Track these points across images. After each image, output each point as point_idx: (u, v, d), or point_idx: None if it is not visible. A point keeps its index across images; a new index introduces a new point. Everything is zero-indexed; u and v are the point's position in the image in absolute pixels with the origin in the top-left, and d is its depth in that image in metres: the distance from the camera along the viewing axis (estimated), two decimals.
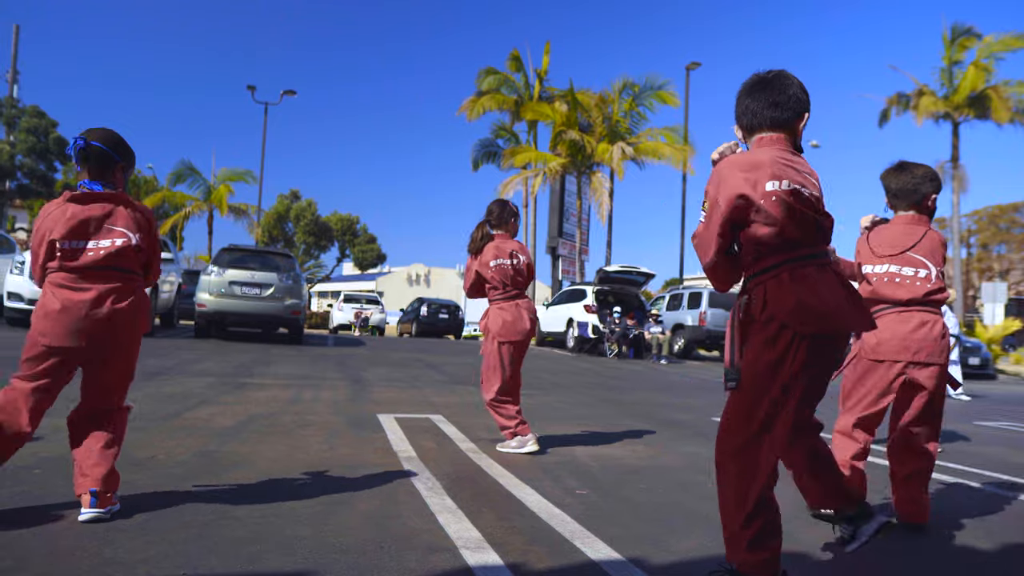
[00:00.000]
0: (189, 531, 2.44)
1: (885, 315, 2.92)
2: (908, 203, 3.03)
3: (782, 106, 2.12)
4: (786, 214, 1.98)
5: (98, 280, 2.48)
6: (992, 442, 5.83)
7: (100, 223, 2.49)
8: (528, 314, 4.37)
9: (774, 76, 2.17)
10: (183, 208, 31.80)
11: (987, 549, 2.83)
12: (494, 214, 4.51)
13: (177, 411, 4.81)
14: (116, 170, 2.58)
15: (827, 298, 1.98)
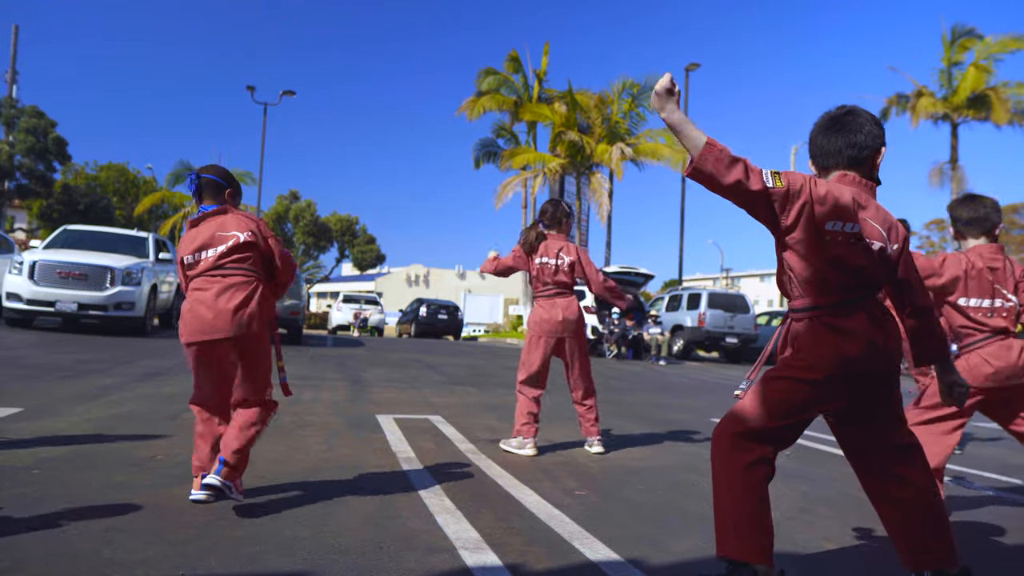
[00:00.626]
0: (188, 532, 2.44)
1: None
2: (979, 232, 3.14)
3: (859, 146, 2.12)
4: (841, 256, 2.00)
5: (216, 279, 2.78)
6: (991, 443, 5.84)
7: (213, 234, 2.83)
8: (563, 312, 4.38)
9: (847, 115, 2.16)
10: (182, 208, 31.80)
11: (984, 551, 2.84)
12: (547, 214, 4.57)
13: (176, 411, 4.81)
14: (226, 195, 2.95)
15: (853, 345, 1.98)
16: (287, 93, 29.89)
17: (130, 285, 10.64)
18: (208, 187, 2.94)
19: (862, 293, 2.01)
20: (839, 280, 1.99)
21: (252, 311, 2.75)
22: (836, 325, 1.99)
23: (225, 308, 2.71)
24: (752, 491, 2.02)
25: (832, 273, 1.99)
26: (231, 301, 2.72)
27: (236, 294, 2.75)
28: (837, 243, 1.98)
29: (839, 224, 1.98)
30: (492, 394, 7.21)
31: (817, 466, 4.33)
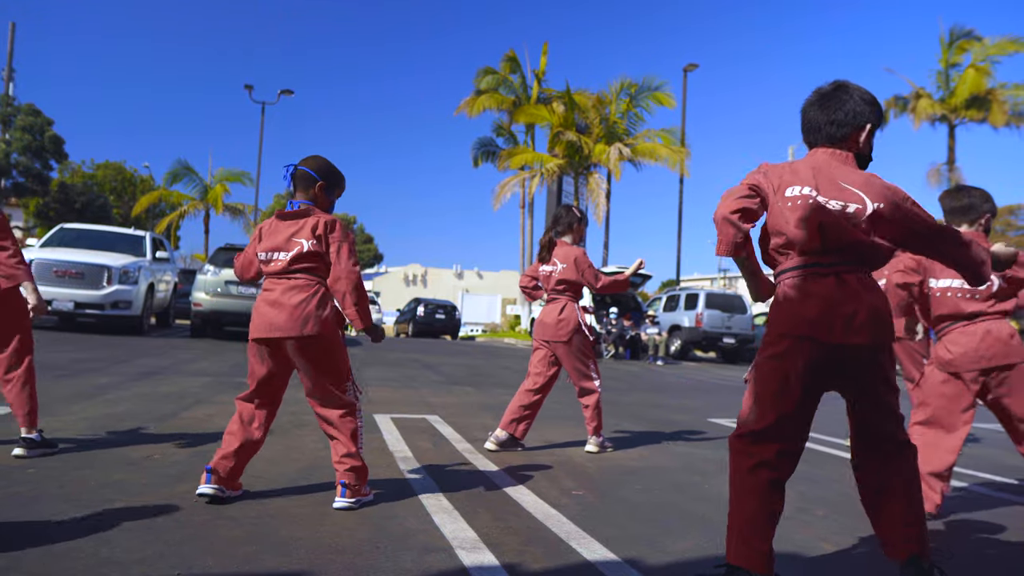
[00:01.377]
0: (185, 531, 2.43)
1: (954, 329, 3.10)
2: (964, 221, 3.19)
3: (839, 123, 2.12)
4: (799, 221, 2.02)
5: (280, 282, 2.81)
6: (987, 443, 5.85)
7: (288, 237, 2.81)
8: (544, 316, 4.43)
9: (832, 91, 2.16)
10: (179, 207, 31.73)
11: (978, 548, 2.84)
12: (560, 221, 4.61)
13: (173, 411, 4.80)
14: (316, 188, 2.89)
15: (813, 306, 2.00)
16: (285, 92, 29.89)
17: (127, 284, 10.62)
18: (300, 180, 2.89)
19: (833, 259, 2.01)
20: (807, 244, 2.02)
21: (309, 312, 2.75)
22: (799, 287, 2.03)
23: (287, 307, 2.75)
24: (753, 496, 2.02)
25: (798, 236, 2.02)
26: (292, 301, 2.76)
27: (297, 295, 2.77)
28: (798, 206, 2.01)
29: (797, 188, 2.03)
30: (490, 394, 7.20)
31: (816, 467, 4.34)
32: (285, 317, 2.73)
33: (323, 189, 2.90)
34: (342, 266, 2.80)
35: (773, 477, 2.04)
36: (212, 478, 2.74)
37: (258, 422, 2.86)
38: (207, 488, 2.73)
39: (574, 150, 24.27)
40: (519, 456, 4.13)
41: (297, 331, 2.72)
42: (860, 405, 2.09)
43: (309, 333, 2.73)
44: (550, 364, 4.43)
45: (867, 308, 1.98)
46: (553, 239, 4.54)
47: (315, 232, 2.80)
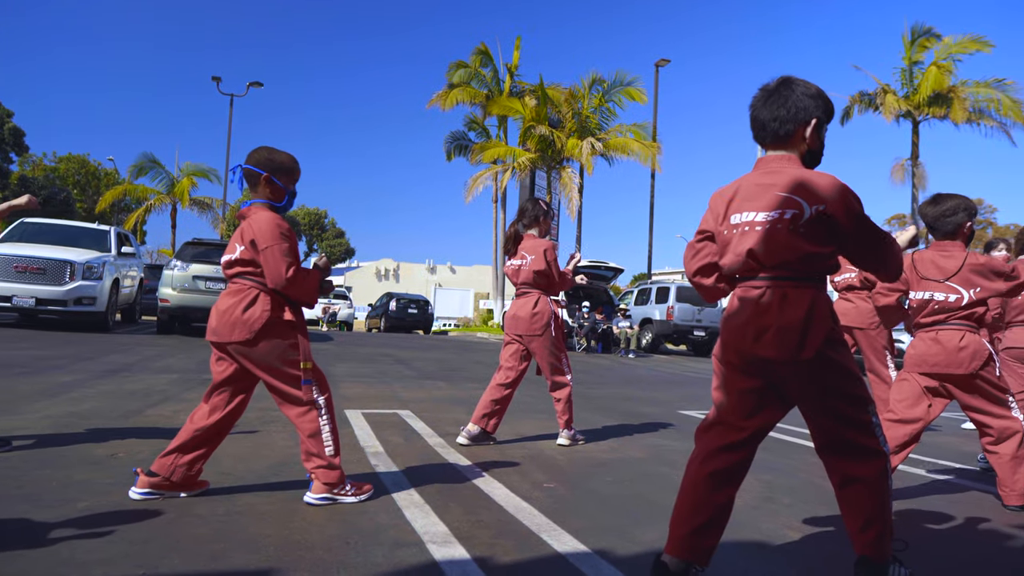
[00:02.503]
0: (150, 530, 2.40)
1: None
2: (946, 228, 3.32)
3: (782, 120, 2.11)
4: (739, 246, 2.09)
5: (229, 286, 2.82)
6: (946, 432, 6.01)
7: (235, 240, 2.79)
8: (515, 310, 4.43)
9: (776, 87, 2.15)
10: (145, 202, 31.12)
11: (936, 535, 2.92)
12: (525, 213, 4.57)
13: (139, 408, 4.72)
14: (261, 183, 2.80)
15: (736, 317, 2.09)
16: (254, 84, 29.46)
17: (91, 279, 10.40)
18: (248, 178, 2.82)
19: (770, 274, 2.04)
20: (748, 266, 2.08)
21: (236, 318, 2.68)
22: (736, 297, 2.12)
23: (219, 313, 2.73)
24: (689, 484, 2.14)
25: (738, 261, 2.09)
26: (222, 306, 2.73)
27: (227, 301, 2.74)
28: (745, 233, 2.07)
29: (739, 216, 2.09)
30: (462, 388, 7.20)
31: (782, 457, 4.41)
32: (218, 322, 2.73)
33: (269, 181, 2.81)
34: (268, 275, 2.69)
35: (713, 469, 2.10)
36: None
37: (217, 418, 2.79)
38: (136, 494, 2.72)
39: (546, 144, 24.30)
40: (491, 450, 4.14)
41: (227, 337, 2.70)
42: (803, 411, 2.13)
43: (237, 339, 2.69)
44: (521, 358, 4.44)
45: (778, 325, 1.99)
46: (519, 232, 4.54)
47: (244, 238, 2.74)
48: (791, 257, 2.01)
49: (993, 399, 3.26)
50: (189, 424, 2.78)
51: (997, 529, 3.03)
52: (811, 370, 2.01)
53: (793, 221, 2.00)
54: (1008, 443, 3.28)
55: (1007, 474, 3.30)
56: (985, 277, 3.20)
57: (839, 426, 2.07)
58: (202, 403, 2.83)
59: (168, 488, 2.75)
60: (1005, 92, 24.68)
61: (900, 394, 3.39)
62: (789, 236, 2.00)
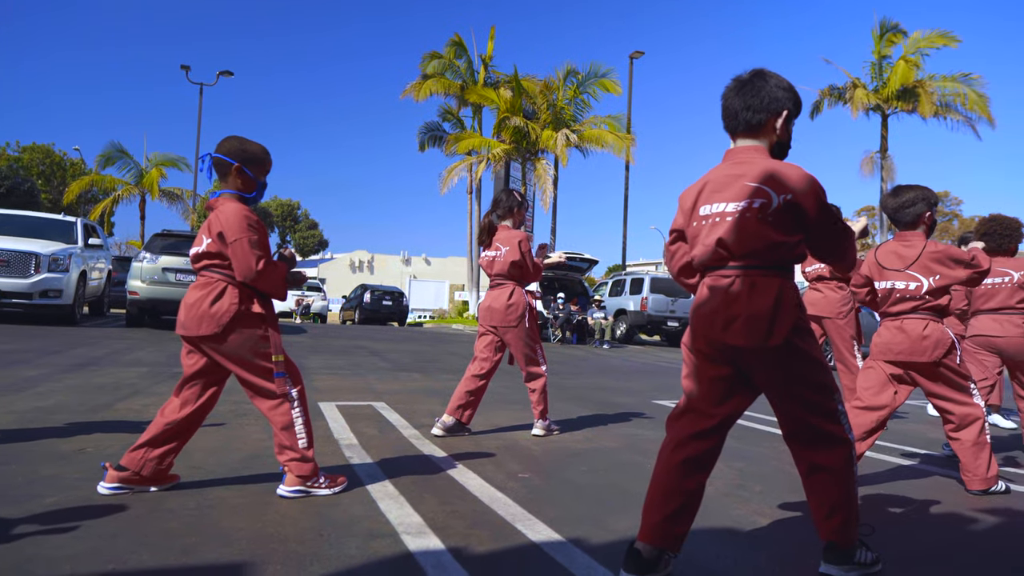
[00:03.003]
0: (119, 525, 2.36)
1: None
2: (908, 219, 3.40)
3: (755, 109, 2.14)
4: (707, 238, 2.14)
5: (197, 279, 2.77)
6: (912, 419, 6.14)
7: (202, 232, 2.74)
8: (489, 301, 4.42)
9: (750, 78, 2.18)
10: (113, 192, 30.49)
11: (901, 520, 2.99)
12: (500, 204, 4.55)
13: (108, 402, 4.64)
14: (232, 173, 2.75)
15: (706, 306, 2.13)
16: (224, 73, 29.00)
17: (57, 272, 10.19)
18: (218, 168, 2.76)
19: (739, 263, 2.08)
20: (716, 256, 2.11)
21: (203, 312, 2.64)
22: (705, 286, 2.15)
23: (187, 306, 2.70)
24: (664, 472, 2.16)
25: (707, 252, 2.13)
26: (190, 300, 2.70)
27: (195, 294, 2.70)
28: (714, 224, 2.11)
29: (708, 207, 2.13)
30: (437, 380, 7.19)
31: (754, 445, 4.48)
32: (186, 316, 2.69)
33: (240, 172, 2.75)
34: (237, 268, 2.65)
35: (685, 457, 2.14)
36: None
37: (189, 412, 2.75)
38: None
39: (521, 135, 24.27)
40: (465, 441, 4.15)
41: (196, 331, 2.66)
42: (770, 398, 2.17)
43: (205, 333, 2.65)
44: (496, 349, 4.44)
45: (747, 313, 2.03)
46: (494, 223, 4.53)
47: (212, 230, 2.68)
48: (759, 246, 2.04)
49: (955, 386, 3.34)
50: (160, 418, 2.74)
51: (960, 513, 3.11)
52: (778, 358, 2.05)
53: (762, 210, 2.03)
54: (969, 429, 3.36)
55: (969, 460, 3.39)
56: (945, 265, 3.28)
57: (805, 413, 2.11)
58: (173, 396, 2.78)
59: (138, 483, 2.71)
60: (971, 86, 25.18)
61: (866, 382, 3.45)
62: (758, 225, 2.03)
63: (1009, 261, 4.42)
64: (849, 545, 2.16)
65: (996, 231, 4.44)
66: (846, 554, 2.16)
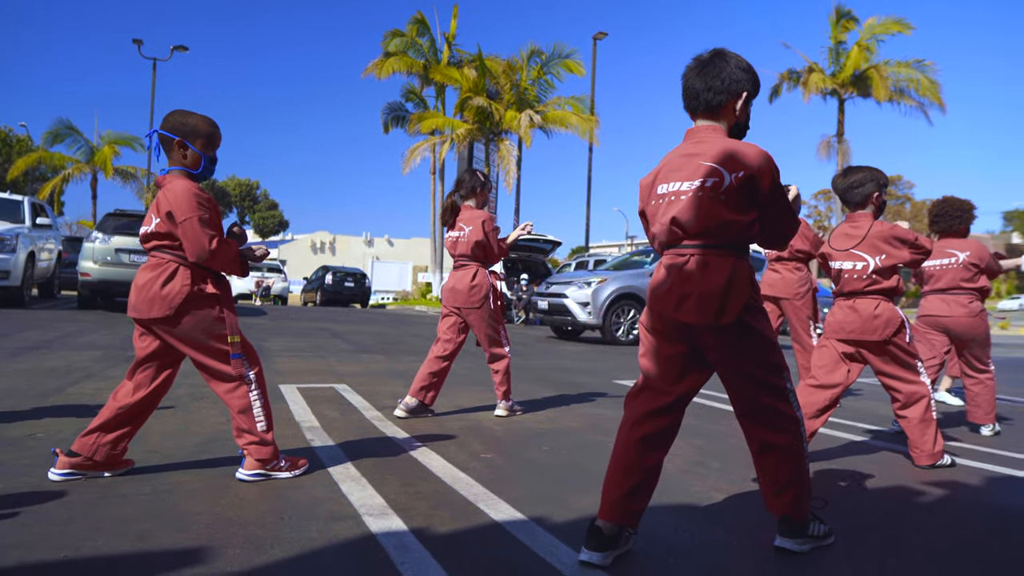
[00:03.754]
0: (71, 511, 2.31)
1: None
2: (857, 200, 3.48)
3: (716, 90, 2.15)
4: (663, 216, 2.17)
5: (148, 260, 2.68)
6: (865, 396, 6.32)
7: (151, 211, 2.67)
8: (452, 282, 4.41)
9: (710, 58, 2.18)
10: (63, 170, 29.47)
11: (853, 494, 3.08)
12: (463, 184, 4.51)
13: (59, 387, 4.52)
14: (175, 149, 2.66)
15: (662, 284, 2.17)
16: (179, 48, 28.11)
17: (3, 252, 9.84)
18: (163, 144, 2.67)
19: (694, 242, 2.11)
20: (672, 235, 2.15)
21: (154, 293, 2.57)
22: (661, 265, 2.19)
23: (137, 288, 2.62)
24: (623, 449, 2.20)
25: (663, 230, 2.17)
26: (140, 281, 2.63)
27: (144, 276, 2.62)
28: (670, 203, 2.14)
29: (665, 186, 2.17)
30: (399, 361, 7.16)
31: (713, 423, 4.56)
32: (137, 298, 2.62)
33: (183, 146, 2.65)
34: (189, 248, 2.57)
35: (643, 434, 2.18)
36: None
37: (142, 395, 2.68)
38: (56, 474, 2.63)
39: (485, 116, 24.10)
40: (428, 422, 4.14)
41: (147, 313, 2.59)
42: (722, 375, 2.20)
43: (157, 315, 2.58)
44: (459, 331, 4.43)
45: (699, 291, 2.06)
46: (456, 203, 4.50)
47: (160, 209, 2.60)
48: (712, 225, 2.07)
49: (904, 364, 3.45)
50: (112, 402, 2.67)
51: (909, 487, 3.22)
52: (730, 336, 2.09)
53: (714, 189, 2.06)
54: (916, 407, 3.48)
55: (916, 436, 3.50)
56: (891, 244, 3.37)
57: (756, 391, 2.15)
58: (126, 380, 2.71)
59: (91, 468, 2.65)
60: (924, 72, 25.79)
61: (820, 360, 3.55)
62: (710, 204, 2.06)
63: (958, 242, 4.55)
64: (803, 518, 2.22)
65: (947, 212, 4.57)
66: (800, 527, 2.22)
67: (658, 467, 2.20)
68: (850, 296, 3.47)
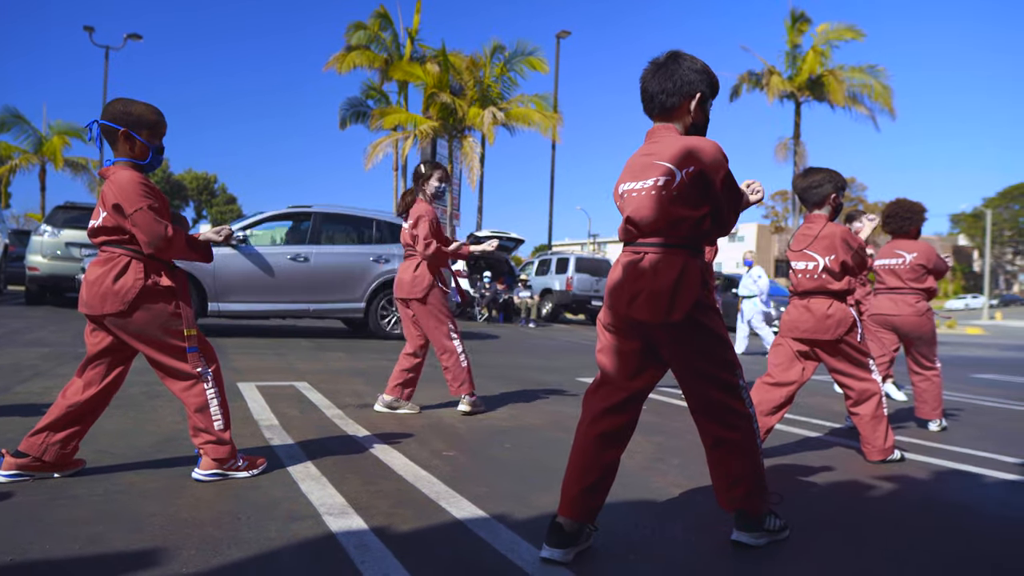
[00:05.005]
0: (19, 513, 2.23)
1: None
2: (815, 200, 3.55)
3: (669, 92, 2.18)
4: (625, 214, 2.20)
5: (98, 255, 2.61)
6: (818, 392, 6.48)
7: (100, 202, 2.57)
8: (399, 274, 4.44)
9: (665, 60, 2.21)
10: (9, 161, 28.42)
11: (807, 489, 3.16)
12: (416, 178, 4.53)
13: (6, 385, 4.37)
14: (120, 139, 2.56)
15: (615, 282, 2.20)
16: (132, 37, 27.31)
17: None
18: (107, 135, 2.56)
19: (649, 240, 2.15)
20: (631, 232, 2.19)
21: (106, 289, 2.50)
22: (617, 263, 2.22)
23: (88, 283, 2.55)
24: (581, 446, 2.22)
25: (624, 227, 2.21)
26: (91, 276, 2.55)
27: (95, 271, 2.55)
28: (627, 201, 2.18)
29: (625, 184, 2.20)
30: (361, 359, 7.09)
31: (672, 420, 4.62)
32: (88, 294, 2.54)
33: (128, 137, 2.55)
34: (145, 239, 2.50)
35: (602, 431, 2.20)
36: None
37: (92, 393, 2.61)
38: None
39: (448, 112, 23.98)
40: (389, 420, 4.11)
41: (99, 309, 2.52)
42: (675, 372, 2.24)
43: (110, 311, 2.51)
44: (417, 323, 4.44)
45: (650, 288, 2.09)
46: (413, 196, 4.52)
47: (107, 202, 2.51)
48: (663, 223, 2.11)
49: (855, 363, 3.55)
50: (61, 400, 2.59)
51: (861, 481, 3.31)
52: (682, 333, 2.12)
53: (666, 187, 2.10)
54: (867, 404, 3.58)
55: (868, 432, 3.60)
56: (840, 245, 3.46)
57: (708, 388, 2.20)
58: (75, 377, 2.64)
59: (39, 469, 2.57)
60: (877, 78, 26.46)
61: (776, 358, 3.62)
62: (661, 201, 2.10)
63: (908, 243, 4.69)
64: (758, 513, 2.27)
65: (898, 213, 4.70)
66: (756, 521, 2.27)
67: (616, 464, 2.22)
68: (804, 296, 3.55)
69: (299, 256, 8.59)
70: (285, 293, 8.48)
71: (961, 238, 69.33)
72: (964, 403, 6.32)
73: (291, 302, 8.55)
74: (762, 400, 3.52)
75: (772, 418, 3.54)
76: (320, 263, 8.68)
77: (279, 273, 8.40)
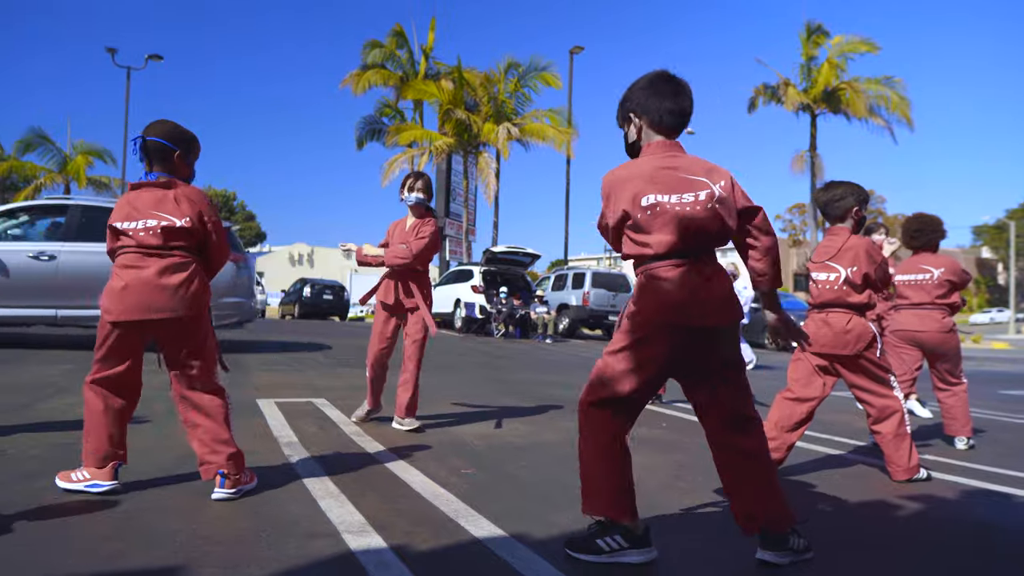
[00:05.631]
0: (42, 531, 2.25)
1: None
2: (837, 214, 3.52)
3: (681, 115, 2.28)
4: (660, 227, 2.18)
5: (151, 259, 2.63)
6: (840, 409, 6.39)
7: (150, 208, 2.64)
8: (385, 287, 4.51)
9: (675, 79, 2.29)
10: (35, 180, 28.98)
11: (832, 508, 3.11)
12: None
13: (29, 402, 4.42)
14: (175, 159, 2.70)
15: (676, 294, 2.17)
16: (153, 57, 27.85)
17: None
18: (155, 152, 2.68)
19: (691, 251, 2.18)
20: (669, 245, 2.17)
21: (195, 290, 2.65)
22: (662, 277, 2.18)
23: (168, 288, 2.62)
24: (608, 458, 2.29)
25: (662, 240, 2.17)
26: (172, 281, 2.62)
27: (177, 275, 2.64)
28: (657, 213, 2.17)
29: (651, 197, 2.19)
30: None
31: (690, 437, 4.57)
32: (166, 297, 2.60)
33: (181, 158, 2.72)
34: (219, 256, 2.77)
35: (622, 441, 2.31)
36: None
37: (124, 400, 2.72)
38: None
39: (463, 128, 24.15)
40: (408, 437, 4.11)
41: (179, 311, 2.61)
42: (703, 384, 2.27)
43: (188, 314, 2.64)
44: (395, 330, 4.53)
45: (720, 295, 2.20)
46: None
47: (187, 210, 2.66)
48: (716, 234, 2.21)
49: (875, 378, 3.49)
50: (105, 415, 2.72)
51: (885, 500, 3.25)
52: (725, 336, 2.23)
53: (720, 202, 2.18)
54: (889, 421, 3.51)
55: (892, 451, 3.54)
56: (862, 258, 3.42)
57: (735, 394, 2.25)
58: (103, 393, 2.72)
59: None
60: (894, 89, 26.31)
61: (796, 373, 3.57)
62: (716, 215, 2.18)
63: (932, 258, 4.63)
64: (783, 531, 2.24)
65: (924, 229, 4.65)
66: (780, 540, 2.24)
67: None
68: (823, 308, 3.50)
69: (42, 254, 7.33)
70: (23, 297, 7.24)
71: (984, 250, 68.41)
72: (991, 420, 6.20)
73: (30, 307, 7.32)
74: (783, 416, 3.48)
75: (793, 435, 3.49)
76: (69, 262, 7.38)
77: (15, 273, 7.20)
